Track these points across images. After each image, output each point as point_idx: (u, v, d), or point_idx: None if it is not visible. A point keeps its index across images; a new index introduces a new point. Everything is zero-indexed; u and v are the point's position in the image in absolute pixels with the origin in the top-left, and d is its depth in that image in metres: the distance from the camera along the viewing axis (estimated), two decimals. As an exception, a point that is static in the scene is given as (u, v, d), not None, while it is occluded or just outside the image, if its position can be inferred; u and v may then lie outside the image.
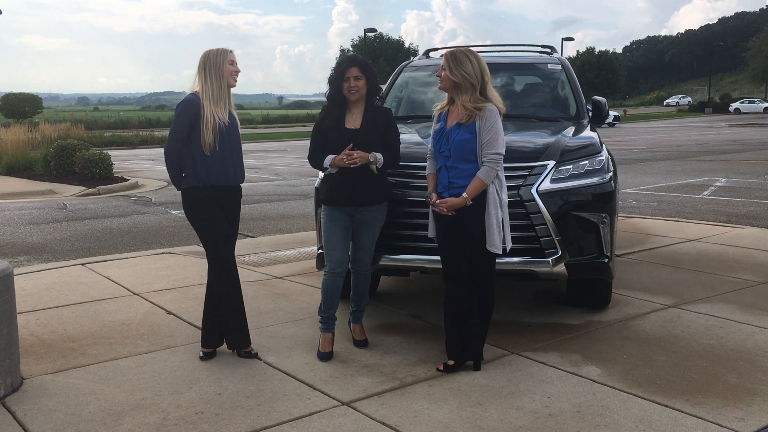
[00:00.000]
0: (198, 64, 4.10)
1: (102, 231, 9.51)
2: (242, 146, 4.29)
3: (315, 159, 4.29)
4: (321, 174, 4.45)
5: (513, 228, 4.20)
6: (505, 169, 4.06)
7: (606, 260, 4.62)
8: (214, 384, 3.86)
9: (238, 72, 4.16)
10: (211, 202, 4.15)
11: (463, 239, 4.00)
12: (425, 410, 3.49)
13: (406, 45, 72.72)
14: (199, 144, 4.04)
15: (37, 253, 8.03)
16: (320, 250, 4.56)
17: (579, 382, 3.83)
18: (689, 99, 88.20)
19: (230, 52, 4.12)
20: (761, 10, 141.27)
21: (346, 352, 4.36)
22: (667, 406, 3.51)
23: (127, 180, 15.58)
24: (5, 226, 9.91)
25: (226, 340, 4.32)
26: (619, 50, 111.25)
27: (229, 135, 4.13)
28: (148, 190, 14.61)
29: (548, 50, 7.03)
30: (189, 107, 4.05)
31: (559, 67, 6.30)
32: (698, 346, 4.38)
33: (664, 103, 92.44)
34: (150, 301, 5.56)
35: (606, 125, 39.13)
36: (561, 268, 4.43)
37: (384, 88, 6.46)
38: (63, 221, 10.39)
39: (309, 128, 4.65)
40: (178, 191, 4.27)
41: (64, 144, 16.71)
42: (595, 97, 5.95)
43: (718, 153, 21.38)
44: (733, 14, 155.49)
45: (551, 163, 4.53)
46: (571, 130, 5.15)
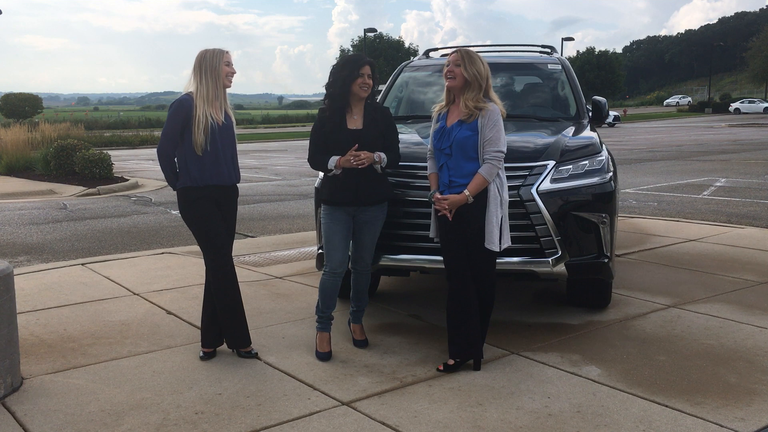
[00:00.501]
0: (194, 63, 4.08)
1: (102, 231, 9.51)
2: (242, 146, 4.30)
3: (316, 160, 4.25)
4: (321, 174, 4.45)
5: (513, 228, 4.20)
6: (505, 168, 4.06)
7: (606, 260, 4.62)
8: (214, 384, 3.86)
9: (233, 73, 4.14)
10: (207, 202, 4.13)
11: (465, 237, 4.00)
12: (425, 410, 3.49)
13: (406, 45, 72.78)
14: (192, 144, 4.03)
15: (37, 253, 8.03)
16: (320, 250, 4.55)
17: (579, 382, 3.83)
18: (689, 99, 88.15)
19: (226, 52, 4.10)
20: (761, 10, 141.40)
21: (346, 352, 4.35)
22: (667, 406, 3.51)
23: (127, 180, 15.59)
24: (5, 226, 9.92)
25: (225, 340, 4.31)
26: (619, 50, 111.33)
27: (223, 135, 4.11)
28: (148, 190, 14.61)
29: (548, 50, 7.03)
30: (181, 107, 4.04)
31: (559, 67, 6.31)
32: (698, 346, 4.39)
33: (664, 103, 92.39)
34: (150, 301, 5.56)
35: (606, 125, 39.13)
36: (561, 268, 4.43)
37: (384, 88, 6.46)
38: (63, 221, 10.39)
39: (309, 128, 4.63)
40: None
41: (64, 144, 16.73)
42: (595, 97, 5.95)
43: (718, 153, 21.38)
44: (733, 14, 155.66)
45: (551, 163, 4.53)
46: (571, 130, 5.15)
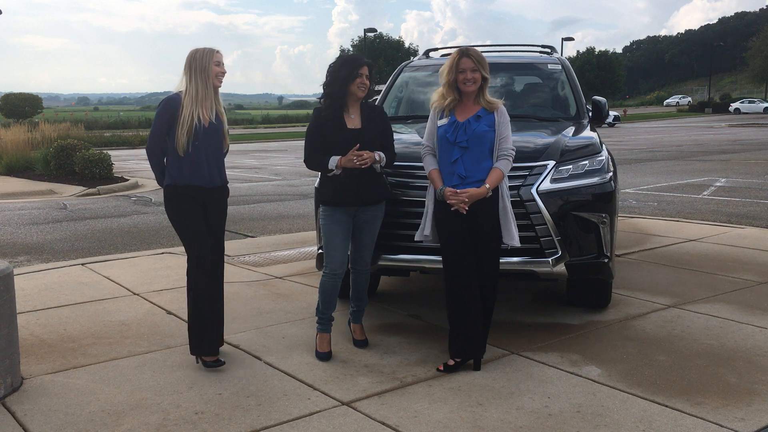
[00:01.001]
0: (184, 63, 4.05)
1: (102, 231, 9.51)
2: (242, 146, 4.30)
3: (315, 161, 4.20)
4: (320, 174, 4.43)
5: (513, 228, 4.21)
6: None
7: (606, 260, 4.62)
8: (214, 384, 3.86)
9: (223, 73, 4.08)
10: (190, 201, 4.08)
11: (472, 234, 3.99)
12: (425, 410, 3.49)
13: (406, 45, 72.83)
14: (174, 144, 4.01)
15: (37, 253, 8.03)
16: (320, 251, 4.53)
17: (579, 382, 3.83)
18: (689, 99, 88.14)
19: (217, 52, 4.05)
20: (761, 10, 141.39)
21: (346, 352, 4.35)
22: (667, 406, 3.51)
23: (127, 180, 15.59)
24: (5, 226, 9.91)
25: (189, 343, 4.15)
26: (619, 50, 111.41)
27: (209, 136, 4.05)
28: (148, 190, 14.60)
29: (548, 50, 7.03)
30: (167, 107, 4.03)
31: (559, 67, 6.31)
32: (698, 346, 4.39)
33: (664, 103, 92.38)
34: (150, 301, 5.56)
35: (606, 125, 39.11)
36: (561, 268, 4.43)
37: (384, 88, 6.47)
38: (63, 221, 10.39)
39: (307, 128, 4.61)
40: None
41: (64, 144, 16.72)
42: (595, 97, 5.96)
43: (718, 153, 21.38)
44: (733, 14, 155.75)
45: (551, 163, 4.53)
46: (571, 130, 5.15)
